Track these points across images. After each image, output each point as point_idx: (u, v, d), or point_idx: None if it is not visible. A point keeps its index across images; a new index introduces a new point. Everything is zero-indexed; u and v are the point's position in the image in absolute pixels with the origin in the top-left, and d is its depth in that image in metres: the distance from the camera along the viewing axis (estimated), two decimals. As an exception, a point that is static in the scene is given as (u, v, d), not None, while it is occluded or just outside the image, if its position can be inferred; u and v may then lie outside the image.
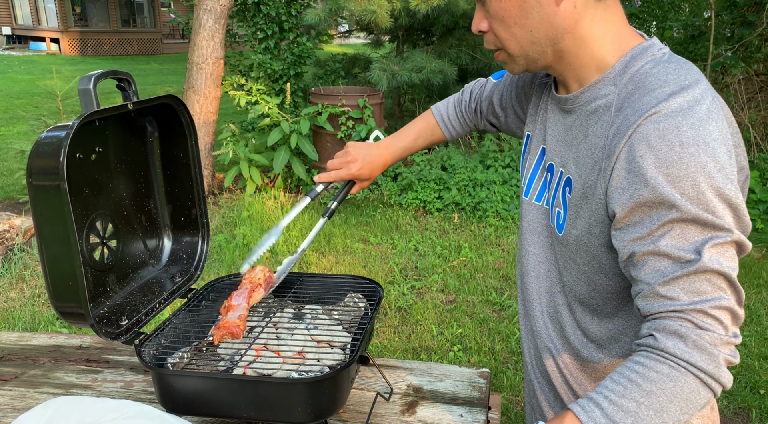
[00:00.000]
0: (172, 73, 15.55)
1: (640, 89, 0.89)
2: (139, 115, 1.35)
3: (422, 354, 3.18)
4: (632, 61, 0.93)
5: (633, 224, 0.87)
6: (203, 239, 1.47)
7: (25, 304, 3.69)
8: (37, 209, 1.02)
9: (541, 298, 1.14)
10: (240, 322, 1.24)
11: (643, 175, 0.84)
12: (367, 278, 1.46)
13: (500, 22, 0.96)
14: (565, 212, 1.01)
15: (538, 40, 0.94)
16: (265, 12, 6.21)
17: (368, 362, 1.33)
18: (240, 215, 5.07)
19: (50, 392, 1.37)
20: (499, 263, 4.24)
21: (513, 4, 0.92)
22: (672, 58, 0.93)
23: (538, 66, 0.99)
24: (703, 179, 0.81)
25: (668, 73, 0.89)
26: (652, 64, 0.92)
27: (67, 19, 19.46)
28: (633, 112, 0.87)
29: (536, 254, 1.13)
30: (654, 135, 0.83)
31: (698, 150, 0.82)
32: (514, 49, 0.97)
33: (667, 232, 0.83)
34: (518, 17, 0.93)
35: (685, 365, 0.81)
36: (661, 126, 0.83)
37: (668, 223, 0.83)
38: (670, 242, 0.83)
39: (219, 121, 6.10)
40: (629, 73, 0.92)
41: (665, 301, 0.83)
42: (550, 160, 1.06)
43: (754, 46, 6.27)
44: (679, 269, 0.82)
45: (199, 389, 1.12)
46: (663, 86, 0.87)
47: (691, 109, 0.84)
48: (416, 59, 6.05)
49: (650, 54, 0.93)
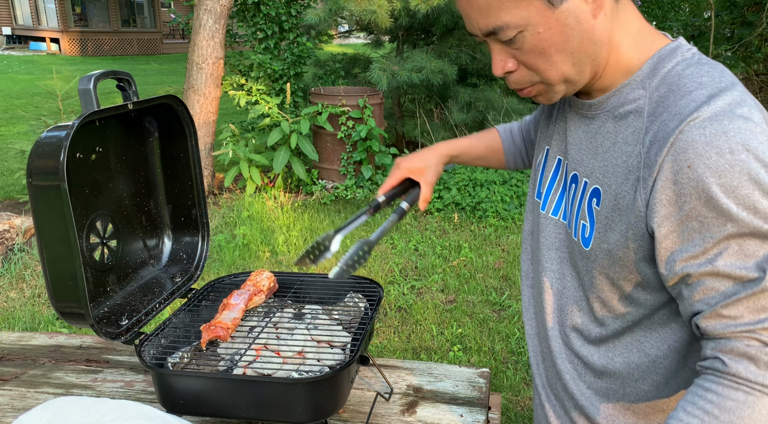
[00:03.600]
0: (172, 73, 15.55)
1: (675, 92, 0.83)
2: (139, 115, 1.35)
3: (422, 354, 3.18)
4: (661, 63, 0.87)
5: (684, 241, 0.80)
6: (203, 239, 1.47)
7: (25, 304, 3.69)
8: (37, 209, 1.02)
9: (558, 316, 1.06)
10: (231, 325, 1.24)
11: (693, 186, 0.77)
12: (367, 278, 1.46)
13: (538, 55, 0.86)
14: (593, 224, 0.93)
15: (579, 60, 0.87)
16: (265, 12, 6.21)
17: (368, 362, 1.33)
18: (240, 215, 5.07)
19: (50, 392, 1.37)
20: (499, 263, 4.24)
21: (554, 32, 0.83)
22: (702, 60, 0.87)
23: (575, 88, 0.91)
24: (756, 188, 0.75)
25: (702, 75, 0.83)
26: (683, 65, 0.85)
27: (67, 19, 19.46)
28: (671, 117, 0.81)
29: (554, 271, 1.05)
30: (701, 142, 0.76)
31: (749, 156, 0.75)
32: (554, 77, 0.88)
33: (724, 249, 0.77)
34: (560, 43, 0.85)
35: (760, 388, 0.77)
36: (707, 132, 0.76)
37: (725, 239, 0.77)
38: (730, 260, 0.77)
39: (219, 121, 6.10)
40: (659, 76, 0.86)
41: (729, 321, 0.79)
42: (573, 171, 0.99)
43: (754, 46, 6.27)
44: (742, 290, 0.77)
45: (199, 389, 1.12)
46: (699, 88, 0.81)
47: (733, 112, 0.78)
48: (416, 59, 6.05)
49: (679, 55, 0.87)
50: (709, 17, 6.27)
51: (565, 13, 0.82)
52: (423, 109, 6.81)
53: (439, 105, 6.82)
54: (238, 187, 5.79)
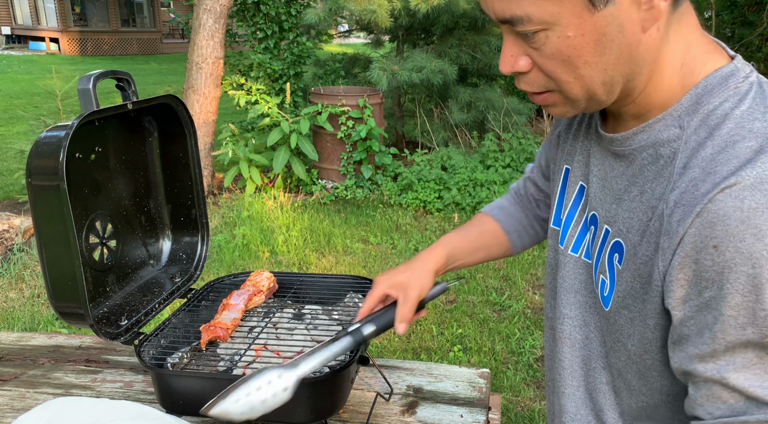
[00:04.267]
0: (171, 73, 15.55)
1: (715, 139, 0.65)
2: (139, 115, 1.34)
3: (422, 354, 3.18)
4: (706, 97, 0.68)
5: (694, 334, 0.65)
6: (203, 239, 1.47)
7: (24, 304, 3.69)
8: (37, 209, 1.02)
9: (575, 370, 0.89)
10: (231, 325, 1.24)
11: (718, 272, 0.61)
12: (367, 278, 1.45)
13: (561, 63, 0.69)
14: (613, 284, 0.77)
15: (612, 79, 0.69)
16: (265, 12, 6.21)
17: (368, 362, 1.33)
18: (240, 215, 5.07)
19: (50, 393, 1.37)
20: (499, 263, 4.24)
21: (587, 39, 0.66)
22: (761, 92, 0.67)
23: (596, 108, 0.74)
24: None
25: (755, 118, 0.64)
26: (734, 101, 0.66)
27: (66, 19, 19.46)
28: (704, 175, 0.63)
29: (573, 318, 0.88)
30: (735, 218, 0.59)
31: None
32: (576, 93, 0.71)
33: (739, 358, 0.62)
34: (591, 55, 0.67)
35: None
36: (745, 205, 0.59)
37: (741, 345, 0.62)
38: (744, 374, 0.62)
39: (219, 121, 6.10)
40: (701, 113, 0.68)
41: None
42: (593, 211, 0.82)
43: (755, 46, 6.27)
44: (756, 411, 0.63)
45: (199, 390, 1.12)
46: (747, 138, 0.63)
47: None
48: (416, 59, 6.05)
49: (732, 86, 0.67)
50: (709, 17, 6.28)
51: (608, 19, 0.64)
52: (423, 109, 6.81)
53: (439, 105, 6.82)
54: (238, 187, 5.78)
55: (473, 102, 6.54)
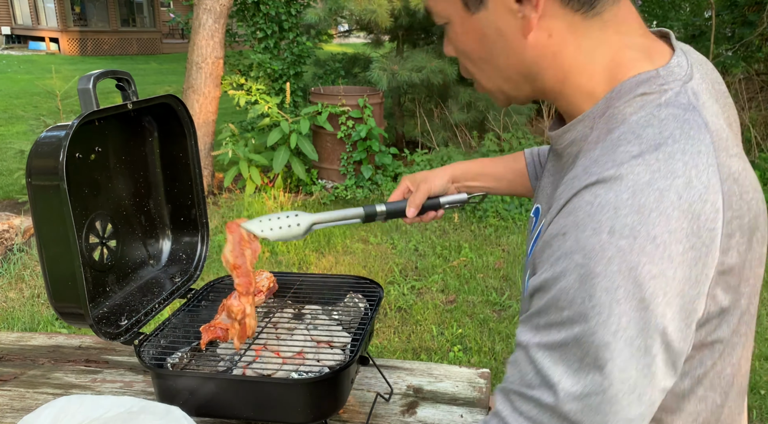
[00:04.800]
0: (171, 72, 15.55)
1: (605, 142, 0.67)
2: (139, 115, 1.34)
3: (422, 354, 3.18)
4: (615, 99, 0.69)
5: (529, 308, 0.69)
6: (203, 239, 1.47)
7: (24, 304, 3.69)
8: (37, 209, 1.02)
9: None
10: (230, 325, 1.23)
11: (556, 257, 0.64)
12: (367, 278, 1.45)
13: (463, 55, 0.78)
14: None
15: (511, 78, 0.75)
16: (265, 11, 6.21)
17: (368, 362, 1.33)
18: (240, 215, 5.07)
19: (50, 393, 1.37)
20: (499, 263, 4.24)
21: (471, 38, 0.74)
22: (672, 102, 0.66)
23: (520, 101, 0.81)
24: (624, 286, 0.59)
25: (650, 124, 0.65)
26: (635, 106, 0.67)
27: (66, 19, 19.46)
28: (582, 173, 0.66)
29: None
30: (584, 211, 0.62)
31: (633, 245, 0.59)
32: (486, 84, 0.80)
33: (550, 336, 0.65)
34: (481, 52, 0.75)
35: None
36: (597, 201, 0.61)
37: (557, 326, 0.64)
38: (545, 352, 0.65)
39: (219, 121, 6.09)
40: (606, 117, 0.70)
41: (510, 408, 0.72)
42: (538, 203, 0.89)
43: (755, 46, 6.27)
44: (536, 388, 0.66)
45: (199, 390, 1.12)
46: (631, 142, 0.64)
47: (650, 185, 0.60)
48: (416, 59, 6.05)
49: (641, 91, 0.68)
50: (709, 17, 6.28)
51: (484, 22, 0.71)
52: (423, 109, 6.80)
53: (439, 105, 6.82)
54: (238, 187, 5.78)
55: (473, 102, 6.54)
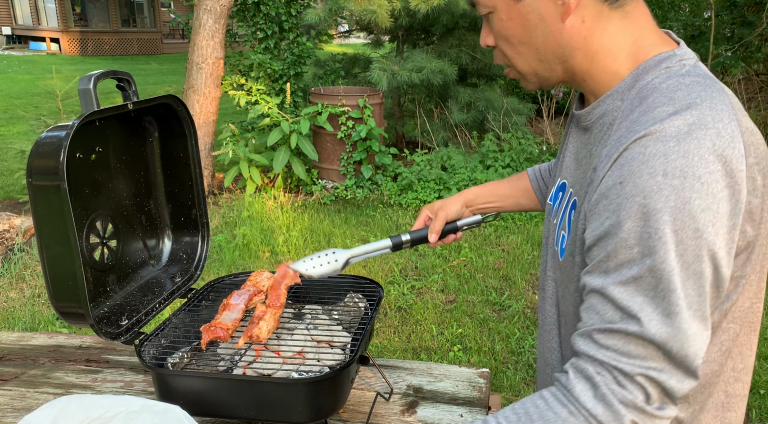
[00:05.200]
0: (172, 73, 15.55)
1: (642, 106, 0.79)
2: (139, 115, 1.35)
3: (422, 354, 3.18)
4: (642, 74, 0.82)
5: (595, 256, 0.78)
6: (203, 239, 1.47)
7: (25, 304, 3.69)
8: (37, 209, 1.02)
9: (557, 327, 1.03)
10: (231, 325, 1.24)
11: (618, 203, 0.74)
12: (367, 278, 1.46)
13: (505, 41, 0.89)
14: (568, 234, 0.92)
15: (546, 59, 0.87)
16: (265, 12, 6.21)
17: (368, 362, 1.33)
18: (240, 215, 5.07)
19: (50, 392, 1.37)
20: (499, 263, 4.24)
21: (515, 23, 0.86)
22: (692, 72, 0.80)
23: (550, 83, 0.93)
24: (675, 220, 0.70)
25: (678, 89, 0.77)
26: (663, 77, 0.80)
27: (67, 19, 19.46)
28: (627, 132, 0.77)
29: (553, 279, 1.03)
30: (637, 161, 0.73)
31: (684, 184, 0.70)
32: (522, 67, 0.91)
33: (623, 274, 0.74)
34: (522, 36, 0.86)
35: (585, 414, 0.75)
36: (648, 150, 0.73)
37: (628, 263, 0.74)
38: (621, 288, 0.74)
39: (219, 121, 6.10)
40: (636, 87, 0.82)
41: (595, 347, 0.77)
42: (564, 179, 0.99)
43: (754, 46, 6.27)
44: (618, 322, 0.75)
45: (199, 389, 1.12)
46: (666, 104, 0.76)
47: (690, 135, 0.72)
48: (416, 59, 6.05)
49: (664, 66, 0.81)
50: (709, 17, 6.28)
51: (528, 8, 0.84)
52: (423, 109, 6.81)
53: (439, 105, 6.82)
54: (238, 187, 5.79)
55: (473, 102, 6.54)
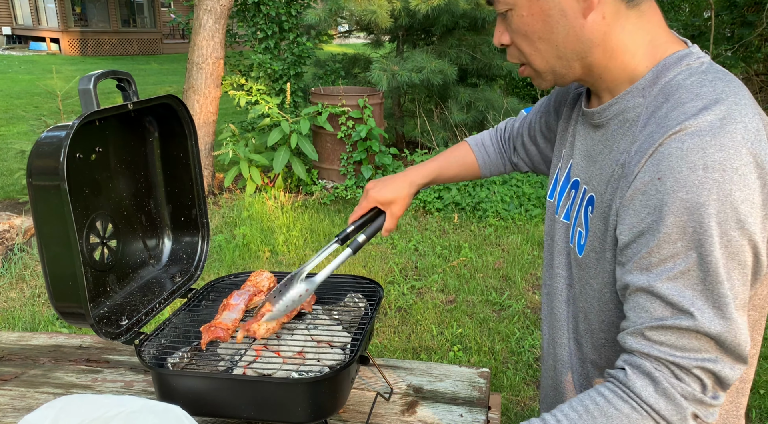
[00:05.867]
0: (172, 73, 15.55)
1: (669, 102, 0.80)
2: (140, 115, 1.35)
3: (422, 354, 3.18)
4: (664, 71, 0.84)
5: (635, 253, 0.79)
6: (203, 239, 1.47)
7: (25, 304, 3.69)
8: (37, 209, 1.02)
9: (569, 324, 1.04)
10: (231, 326, 1.24)
11: (659, 199, 0.75)
12: (367, 278, 1.46)
13: (523, 37, 0.89)
14: (586, 232, 0.93)
15: (565, 55, 0.88)
16: (265, 12, 6.21)
17: (368, 362, 1.33)
18: (240, 215, 5.07)
19: (50, 392, 1.37)
20: (499, 263, 4.24)
21: (536, 19, 0.86)
22: (711, 69, 0.83)
23: (566, 80, 0.93)
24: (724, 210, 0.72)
25: (702, 85, 0.79)
26: (685, 74, 0.82)
27: (67, 19, 19.46)
28: (658, 128, 0.79)
29: (564, 276, 1.03)
30: (676, 155, 0.74)
31: (724, 176, 0.72)
32: (539, 64, 0.91)
33: (668, 270, 0.75)
34: (542, 32, 0.86)
35: (648, 409, 0.76)
36: (685, 145, 0.74)
37: (672, 258, 0.75)
38: (668, 284, 0.75)
39: (219, 121, 6.10)
40: (659, 84, 0.84)
41: (648, 342, 0.78)
42: (576, 176, 0.99)
43: (754, 46, 6.27)
44: (670, 318, 0.75)
45: (199, 389, 1.12)
46: (694, 100, 0.78)
47: (723, 128, 0.74)
48: (416, 59, 6.05)
49: (685, 63, 0.83)
50: (709, 17, 6.28)
51: (550, 3, 0.84)
52: (423, 109, 6.81)
53: (439, 105, 6.82)
54: (238, 187, 5.79)
55: (473, 102, 6.54)
